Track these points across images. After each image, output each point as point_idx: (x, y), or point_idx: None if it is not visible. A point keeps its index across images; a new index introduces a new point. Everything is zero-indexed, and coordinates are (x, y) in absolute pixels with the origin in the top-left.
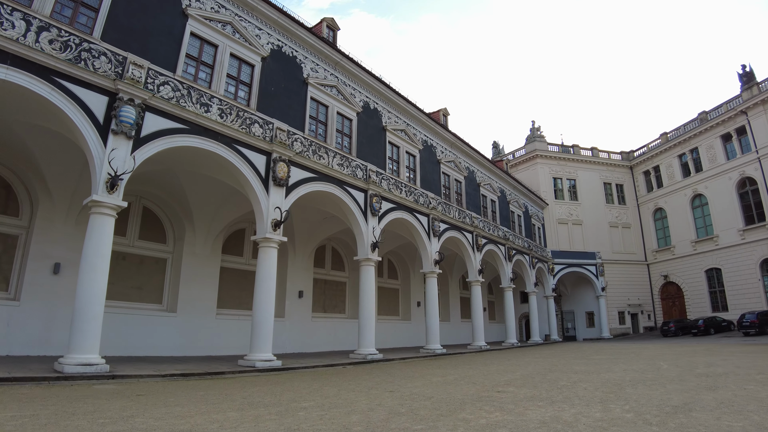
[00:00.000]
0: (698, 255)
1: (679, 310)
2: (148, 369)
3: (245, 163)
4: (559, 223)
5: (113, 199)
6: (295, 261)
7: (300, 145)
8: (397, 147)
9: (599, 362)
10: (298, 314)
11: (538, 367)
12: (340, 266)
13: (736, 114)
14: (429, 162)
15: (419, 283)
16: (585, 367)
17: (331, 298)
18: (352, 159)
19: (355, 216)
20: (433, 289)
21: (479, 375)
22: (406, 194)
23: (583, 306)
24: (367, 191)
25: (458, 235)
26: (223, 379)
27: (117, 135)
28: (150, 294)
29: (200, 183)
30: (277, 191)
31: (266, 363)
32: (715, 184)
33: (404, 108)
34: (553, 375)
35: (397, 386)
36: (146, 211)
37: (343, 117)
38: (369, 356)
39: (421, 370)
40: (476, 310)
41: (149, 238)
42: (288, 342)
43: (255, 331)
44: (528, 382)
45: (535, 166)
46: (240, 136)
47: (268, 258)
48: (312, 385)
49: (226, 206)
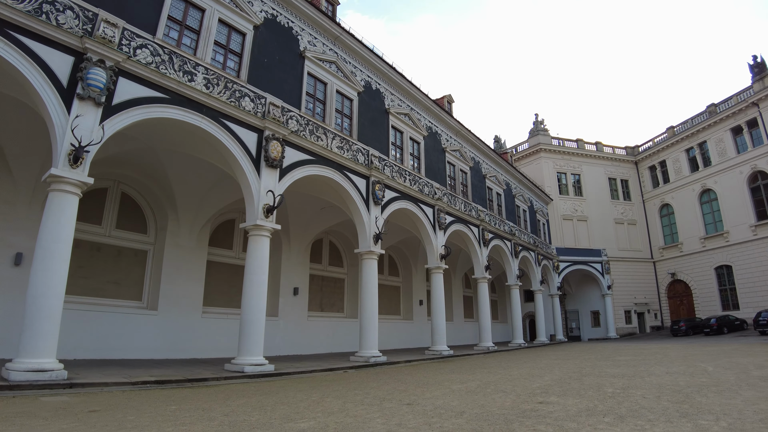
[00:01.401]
0: (707, 252)
1: (687, 309)
2: (118, 375)
3: (234, 140)
4: (564, 219)
5: (76, 174)
6: (290, 255)
7: (296, 123)
8: (401, 132)
9: (630, 364)
10: (293, 313)
11: (565, 370)
12: (338, 261)
13: (747, 106)
14: (434, 150)
15: (421, 281)
16: (618, 370)
17: (328, 296)
18: (353, 142)
19: (356, 204)
20: (439, 286)
21: (504, 381)
22: (410, 183)
23: (587, 305)
24: (369, 178)
25: (464, 228)
26: (204, 388)
27: (83, 101)
28: (128, 290)
29: (185, 165)
30: (269, 173)
31: (256, 368)
32: (725, 178)
33: (408, 91)
34: (589, 380)
35: (414, 397)
36: (125, 197)
37: (343, 96)
38: (372, 359)
39: (434, 375)
40: (483, 308)
41: (128, 228)
42: (282, 343)
43: (244, 331)
44: (566, 389)
45: (539, 160)
46: (228, 109)
47: (259, 248)
48: (310, 395)
49: (214, 193)
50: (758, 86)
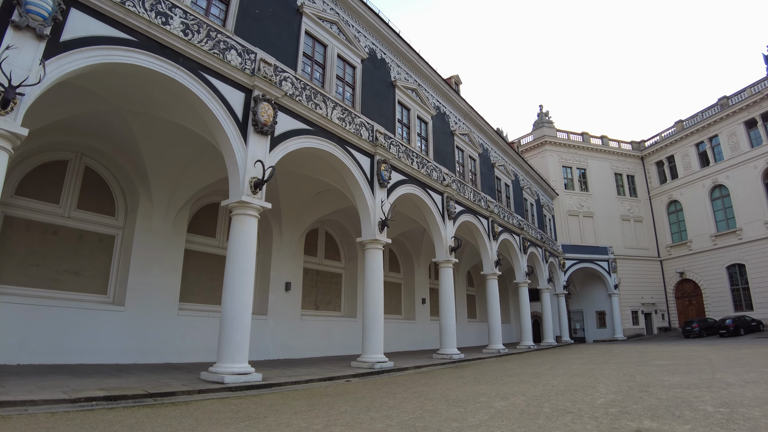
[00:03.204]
0: (719, 250)
1: (696, 309)
2: (56, 389)
3: (216, 98)
4: (570, 215)
5: (5, 122)
6: (282, 246)
7: (291, 86)
8: (408, 109)
9: (681, 370)
10: (285, 311)
11: (614, 379)
12: (335, 255)
13: (762, 98)
14: (442, 132)
15: (424, 277)
16: (678, 378)
17: (324, 293)
18: (356, 114)
19: (359, 186)
20: (449, 282)
21: (552, 394)
22: (418, 166)
23: (592, 305)
24: (374, 156)
25: (473, 220)
26: (169, 407)
27: (20, 30)
28: (90, 281)
29: (160, 135)
30: (258, 140)
31: (240, 377)
32: (738, 173)
33: (415, 64)
34: (660, 392)
35: (455, 423)
36: (89, 172)
37: (345, 62)
38: (377, 365)
39: (458, 386)
40: (493, 308)
41: (92, 208)
42: (271, 346)
43: (225, 332)
44: (647, 406)
45: (543, 153)
46: (210, 60)
47: (244, 230)
48: (311, 421)
49: (194, 169)
50: None
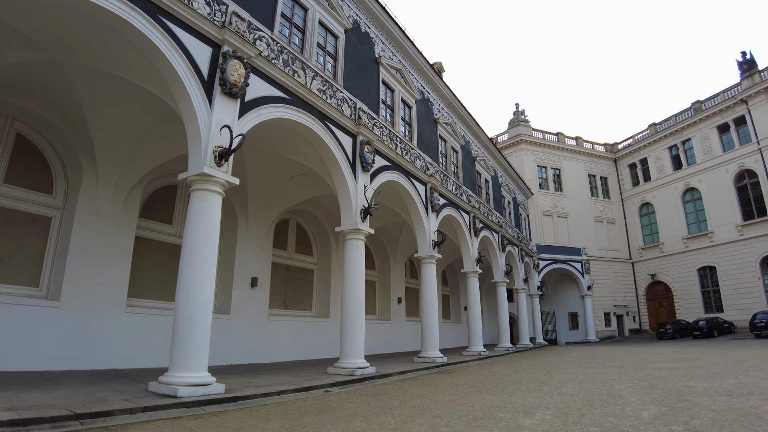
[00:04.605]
0: (690, 252)
1: (667, 311)
2: None
3: (177, 50)
4: (544, 215)
5: None
6: (248, 237)
7: (266, 47)
8: (392, 90)
9: (696, 374)
10: (250, 310)
11: (634, 386)
12: (306, 249)
13: (735, 103)
14: (426, 120)
15: (400, 275)
16: (708, 384)
17: (295, 290)
18: (338, 88)
19: (340, 168)
20: (431, 279)
21: (581, 406)
22: (402, 152)
23: (565, 306)
24: (356, 136)
25: (456, 214)
26: None
27: None
28: (18, 271)
29: (110, 96)
30: (226, 103)
31: (197, 389)
32: (711, 177)
33: (401, 43)
34: (711, 403)
35: None
36: (21, 140)
37: (326, 30)
38: (358, 371)
39: (459, 396)
40: (474, 308)
41: (24, 184)
42: (235, 349)
43: (180, 334)
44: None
45: (519, 152)
46: (172, 5)
47: (205, 208)
48: None
49: (151, 141)
50: (747, 83)
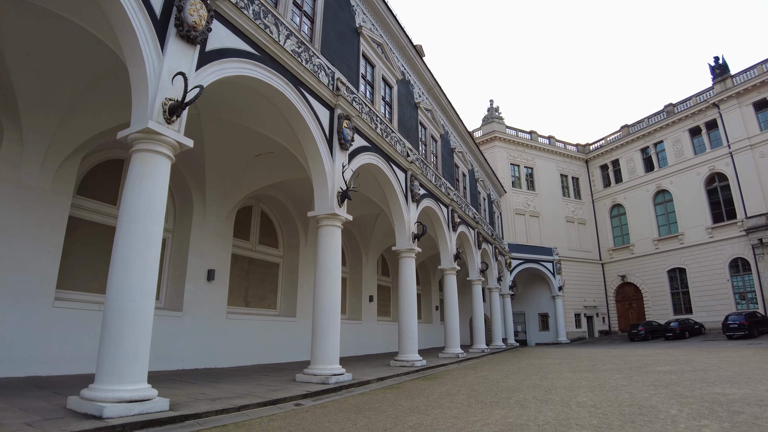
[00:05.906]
0: (661, 254)
1: (636, 312)
2: None
3: None
4: (516, 214)
5: None
6: (205, 224)
7: None
8: (373, 66)
9: (711, 378)
10: (206, 307)
11: (658, 394)
12: (272, 240)
13: (707, 107)
14: (407, 103)
15: (372, 273)
16: (739, 390)
17: (257, 286)
18: (315, 53)
19: (315, 144)
20: (410, 275)
21: (619, 423)
22: (382, 134)
23: (535, 307)
24: (334, 109)
25: (435, 206)
26: None
27: None
28: None
29: (38, 41)
30: (182, 48)
31: (130, 407)
32: (682, 179)
33: (382, 16)
34: (752, 410)
35: None
36: None
37: None
38: (333, 378)
39: (460, 410)
40: (451, 307)
41: None
42: (188, 351)
43: (109, 334)
44: None
45: (493, 149)
46: None
47: (150, 174)
48: None
49: (91, 100)
50: (719, 87)
